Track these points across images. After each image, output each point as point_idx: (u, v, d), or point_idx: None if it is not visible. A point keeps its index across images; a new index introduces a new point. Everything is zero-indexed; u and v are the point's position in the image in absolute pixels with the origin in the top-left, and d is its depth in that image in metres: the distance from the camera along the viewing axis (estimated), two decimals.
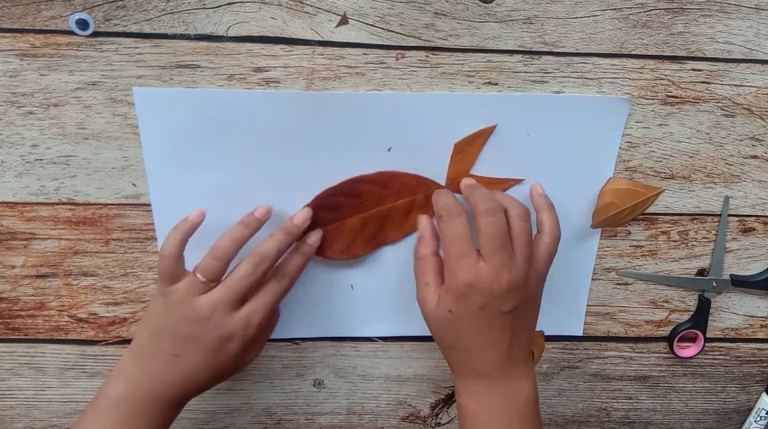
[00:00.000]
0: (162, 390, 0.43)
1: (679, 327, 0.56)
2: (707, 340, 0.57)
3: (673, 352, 0.57)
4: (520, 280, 0.41)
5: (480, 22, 0.44)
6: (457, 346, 0.43)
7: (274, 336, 0.53)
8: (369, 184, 0.47)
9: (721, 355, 0.58)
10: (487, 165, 0.48)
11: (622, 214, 0.50)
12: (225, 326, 0.42)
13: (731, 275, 0.54)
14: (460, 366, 0.44)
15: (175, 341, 0.42)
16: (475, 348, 0.42)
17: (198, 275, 0.42)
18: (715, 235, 0.52)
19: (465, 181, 0.45)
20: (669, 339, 0.56)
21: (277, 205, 0.47)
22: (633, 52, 0.46)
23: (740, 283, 0.54)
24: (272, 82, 0.44)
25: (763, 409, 0.60)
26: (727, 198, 0.51)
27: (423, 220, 0.46)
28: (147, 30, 0.42)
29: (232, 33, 0.43)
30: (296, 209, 0.47)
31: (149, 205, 0.47)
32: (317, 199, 0.47)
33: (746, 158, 0.50)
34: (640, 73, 0.46)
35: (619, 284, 0.54)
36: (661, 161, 0.49)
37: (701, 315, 0.55)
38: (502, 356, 0.42)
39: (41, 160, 0.45)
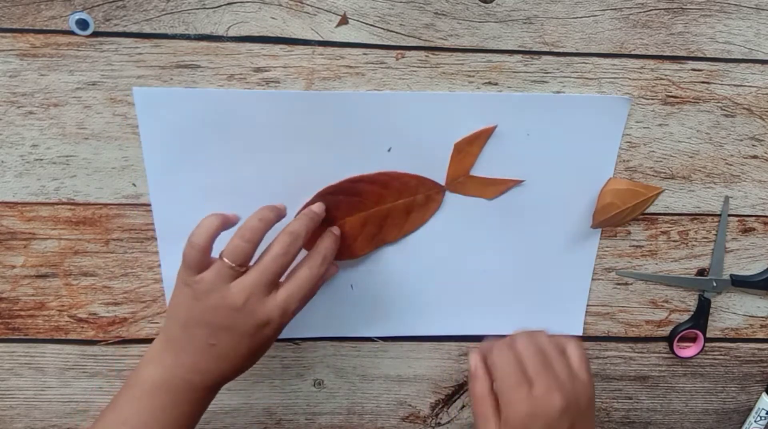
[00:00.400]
0: (199, 378, 0.42)
1: (679, 327, 0.56)
2: (707, 340, 0.57)
3: (673, 352, 0.57)
4: (571, 395, 0.40)
5: (480, 22, 0.44)
6: None
7: None
8: (369, 184, 0.47)
9: (721, 355, 0.58)
10: (487, 165, 0.48)
11: (622, 214, 0.50)
12: (260, 313, 0.40)
13: (731, 275, 0.54)
14: None
15: (209, 332, 0.41)
16: None
17: (226, 260, 0.40)
18: (715, 235, 0.52)
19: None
20: (669, 339, 0.56)
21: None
22: (633, 52, 0.45)
23: (740, 283, 0.54)
24: (272, 82, 0.44)
25: (763, 409, 0.60)
26: (727, 198, 0.51)
27: (473, 358, 0.44)
28: (147, 30, 0.42)
29: (232, 33, 0.43)
30: (296, 209, 0.47)
31: (149, 205, 0.47)
32: (317, 196, 0.47)
33: (746, 158, 0.50)
34: (640, 73, 0.46)
35: (619, 284, 0.54)
36: (661, 161, 0.49)
37: (701, 315, 0.55)
38: None
39: (41, 160, 0.45)
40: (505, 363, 0.40)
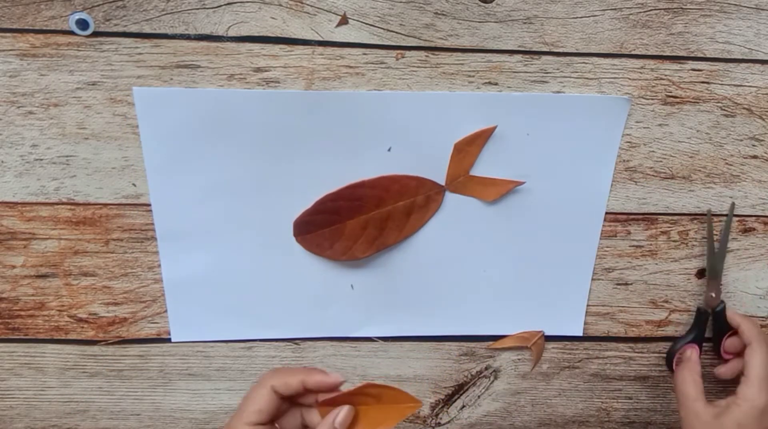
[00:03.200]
0: None
1: (677, 343, 0.55)
2: (707, 340, 0.56)
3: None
4: None
5: (480, 22, 0.44)
6: None
7: (273, 336, 0.53)
8: (370, 189, 0.47)
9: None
10: (487, 165, 0.48)
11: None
12: None
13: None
14: None
15: None
16: None
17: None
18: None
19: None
20: (668, 358, 0.56)
21: (276, 205, 0.47)
22: (633, 52, 0.46)
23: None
24: (272, 82, 0.44)
25: None
26: (733, 204, 0.51)
27: (688, 352, 0.53)
28: (147, 30, 0.42)
29: (232, 33, 0.43)
30: (297, 210, 0.47)
31: (149, 205, 0.47)
32: (318, 203, 0.47)
33: (746, 158, 0.50)
34: (640, 73, 0.46)
35: (619, 284, 0.54)
36: (661, 161, 0.49)
37: (698, 328, 0.54)
38: None
39: (41, 160, 0.45)
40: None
